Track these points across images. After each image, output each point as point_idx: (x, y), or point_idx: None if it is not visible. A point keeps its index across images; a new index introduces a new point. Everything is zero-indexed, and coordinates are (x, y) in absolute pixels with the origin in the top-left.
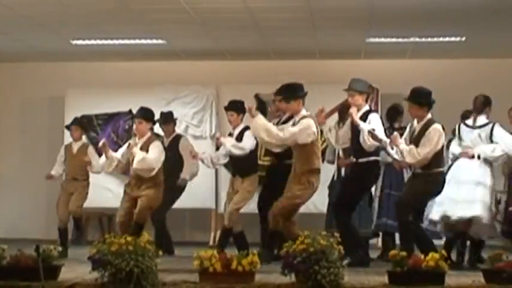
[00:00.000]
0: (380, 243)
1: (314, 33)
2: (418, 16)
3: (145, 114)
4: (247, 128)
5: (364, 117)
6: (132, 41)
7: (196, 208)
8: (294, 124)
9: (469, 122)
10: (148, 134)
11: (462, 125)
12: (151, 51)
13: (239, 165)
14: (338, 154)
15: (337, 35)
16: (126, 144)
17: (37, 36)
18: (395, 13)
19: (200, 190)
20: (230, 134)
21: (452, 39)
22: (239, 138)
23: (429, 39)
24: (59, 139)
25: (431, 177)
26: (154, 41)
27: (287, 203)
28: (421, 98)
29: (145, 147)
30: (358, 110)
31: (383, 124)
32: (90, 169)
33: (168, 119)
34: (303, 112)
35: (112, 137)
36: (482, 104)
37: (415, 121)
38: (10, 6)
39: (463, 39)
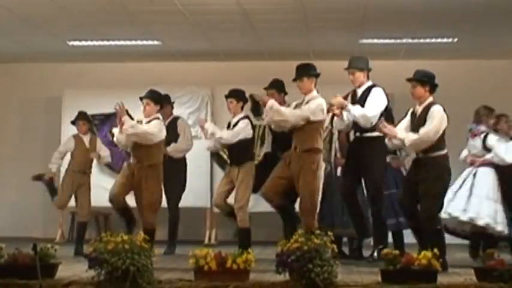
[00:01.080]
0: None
1: (308, 34)
2: (410, 18)
3: (153, 96)
4: (245, 117)
5: (367, 91)
6: (128, 42)
7: (192, 207)
8: (297, 106)
9: None
10: (154, 115)
11: None
12: (147, 52)
13: (235, 153)
14: (335, 154)
15: (330, 36)
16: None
17: (34, 38)
18: (388, 15)
19: (195, 189)
20: (229, 125)
21: (445, 40)
22: (235, 127)
23: (422, 41)
24: (56, 139)
25: (436, 161)
26: (150, 42)
27: (309, 201)
28: (424, 77)
29: None
30: (360, 86)
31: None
32: (101, 161)
33: (165, 101)
34: (315, 93)
35: (108, 137)
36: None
37: (417, 105)
38: (8, 7)
39: (455, 40)
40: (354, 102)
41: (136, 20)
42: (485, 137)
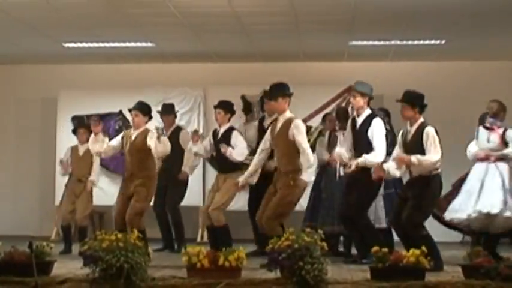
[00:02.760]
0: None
1: (298, 36)
2: (399, 20)
3: (142, 107)
4: (233, 128)
5: (368, 122)
6: (122, 44)
7: (184, 205)
8: (277, 126)
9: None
10: (144, 126)
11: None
12: (141, 53)
13: (223, 162)
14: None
15: (321, 38)
16: (120, 135)
17: (31, 40)
18: (377, 17)
19: (188, 188)
20: (214, 134)
21: (433, 42)
22: (225, 136)
23: (410, 42)
24: (52, 139)
25: (433, 180)
26: (144, 44)
27: (273, 210)
28: (413, 99)
29: (140, 138)
30: (359, 113)
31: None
32: (89, 182)
33: (168, 110)
34: (288, 113)
35: None
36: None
37: (408, 125)
38: (4, 9)
39: (443, 42)
40: (353, 129)
41: (131, 23)
42: (505, 131)
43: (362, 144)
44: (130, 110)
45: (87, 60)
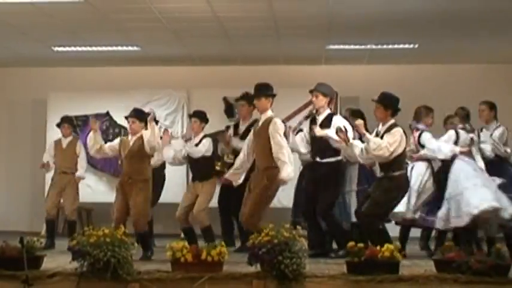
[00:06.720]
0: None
1: (278, 40)
2: (374, 25)
3: (138, 114)
4: (205, 136)
5: (328, 119)
6: (109, 48)
7: (169, 203)
8: (259, 124)
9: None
10: (141, 132)
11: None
12: (127, 57)
13: (198, 171)
14: None
15: (299, 42)
16: (118, 139)
17: (21, 44)
18: (353, 22)
19: (172, 185)
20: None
21: (406, 46)
22: (198, 144)
23: (385, 46)
24: (42, 139)
25: (395, 180)
26: (130, 48)
27: (252, 208)
28: (387, 101)
29: (137, 143)
30: (320, 112)
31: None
32: (77, 178)
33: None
34: (270, 112)
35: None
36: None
37: (380, 125)
38: None
39: (416, 46)
40: (312, 128)
41: (117, 28)
42: (420, 135)
43: (320, 142)
44: (126, 118)
45: (76, 64)
